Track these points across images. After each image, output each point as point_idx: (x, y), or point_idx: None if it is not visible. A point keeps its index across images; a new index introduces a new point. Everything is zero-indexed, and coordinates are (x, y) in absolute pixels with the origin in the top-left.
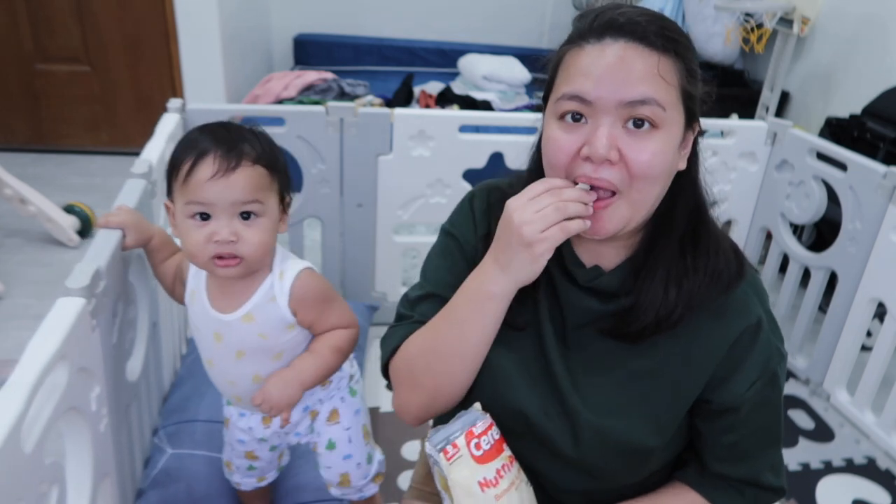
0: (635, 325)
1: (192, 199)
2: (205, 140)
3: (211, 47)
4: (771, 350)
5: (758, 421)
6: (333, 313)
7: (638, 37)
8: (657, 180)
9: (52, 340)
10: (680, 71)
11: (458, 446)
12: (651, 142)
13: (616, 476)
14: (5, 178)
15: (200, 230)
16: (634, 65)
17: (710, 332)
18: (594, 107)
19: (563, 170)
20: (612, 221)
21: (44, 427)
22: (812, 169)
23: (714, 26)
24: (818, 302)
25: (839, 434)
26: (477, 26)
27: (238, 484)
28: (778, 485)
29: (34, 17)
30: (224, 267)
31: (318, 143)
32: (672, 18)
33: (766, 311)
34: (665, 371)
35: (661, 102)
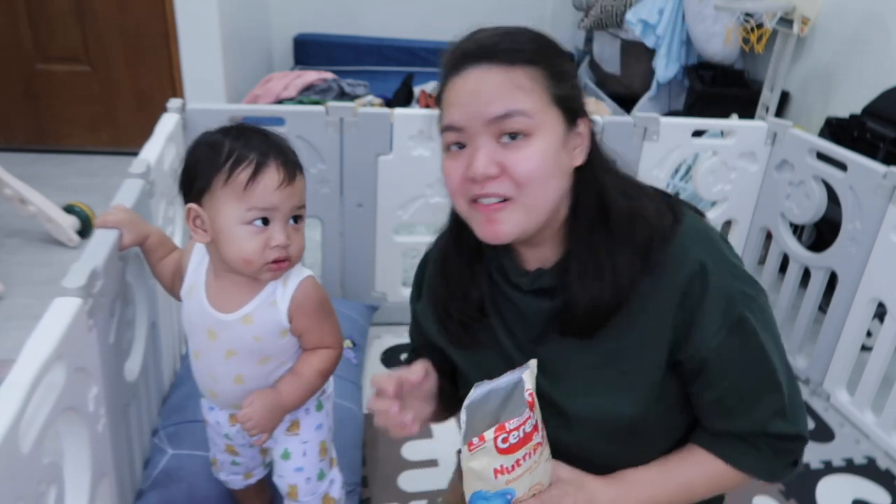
0: (575, 321)
1: (255, 205)
2: (250, 146)
3: (211, 47)
4: (729, 293)
5: (737, 369)
6: (325, 328)
7: (489, 58)
8: (545, 183)
9: (48, 340)
10: (539, 77)
11: (484, 440)
12: (527, 149)
13: (616, 459)
14: (5, 178)
15: (258, 236)
16: (490, 84)
17: (656, 292)
18: (467, 132)
19: (458, 194)
20: (507, 224)
21: (41, 427)
22: (812, 169)
23: (714, 26)
24: (818, 302)
25: (839, 434)
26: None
27: (226, 482)
28: (793, 431)
29: (34, 17)
30: (277, 270)
31: (318, 143)
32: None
33: (713, 255)
34: (628, 345)
35: (525, 111)
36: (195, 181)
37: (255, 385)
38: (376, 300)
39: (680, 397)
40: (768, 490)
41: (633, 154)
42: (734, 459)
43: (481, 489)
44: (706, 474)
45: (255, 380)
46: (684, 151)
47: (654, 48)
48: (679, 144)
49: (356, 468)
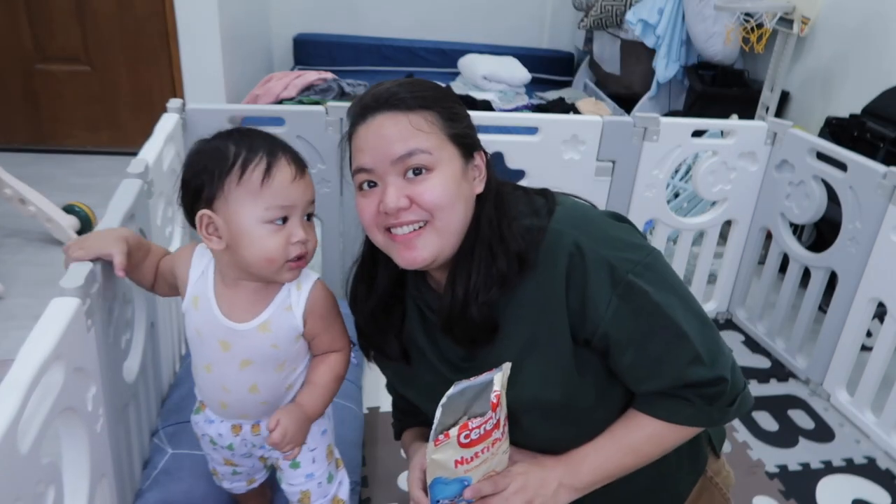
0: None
1: (274, 202)
2: (255, 145)
3: (211, 47)
4: (609, 263)
5: (641, 329)
6: (336, 330)
7: (388, 106)
8: (452, 208)
9: (46, 341)
10: (435, 119)
11: (449, 436)
12: (430, 181)
13: (566, 441)
14: (5, 178)
15: (278, 234)
16: (391, 128)
17: (543, 282)
18: (376, 172)
19: (374, 226)
20: (424, 249)
21: (40, 427)
22: (812, 169)
23: (714, 26)
24: (818, 302)
25: (839, 434)
26: (477, 26)
27: (230, 489)
28: (712, 375)
29: (34, 17)
30: (296, 268)
31: (318, 143)
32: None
33: (586, 231)
34: (535, 337)
35: (425, 149)
36: (203, 189)
37: (270, 393)
38: None
39: (605, 372)
40: (768, 490)
41: (633, 154)
42: (669, 415)
43: (441, 475)
44: (649, 435)
45: (269, 387)
46: (684, 151)
47: (654, 48)
48: (679, 144)
49: (356, 468)
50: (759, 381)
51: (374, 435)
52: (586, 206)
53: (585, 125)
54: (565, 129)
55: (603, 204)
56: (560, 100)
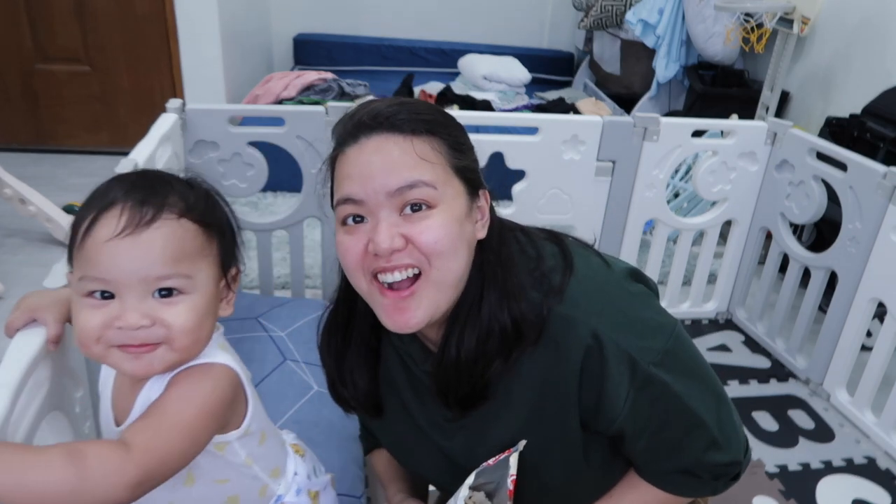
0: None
1: (86, 271)
2: (115, 189)
3: (211, 47)
4: (630, 357)
5: (659, 419)
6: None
7: (388, 127)
8: (453, 255)
9: (33, 341)
10: (441, 148)
11: None
12: (431, 220)
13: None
14: (5, 178)
15: (97, 311)
16: (391, 154)
17: (553, 366)
18: (367, 205)
19: (358, 269)
20: (420, 308)
21: (28, 427)
22: (812, 169)
23: (714, 26)
24: (818, 302)
25: (839, 434)
26: (477, 26)
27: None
28: (727, 459)
29: (34, 17)
30: (136, 355)
31: (318, 143)
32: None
33: (605, 317)
34: (537, 420)
35: (429, 182)
36: (70, 241)
37: None
38: None
39: (610, 450)
40: (768, 490)
41: (633, 154)
42: (676, 490)
43: None
44: (652, 502)
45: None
46: (684, 151)
47: (654, 48)
48: (679, 144)
49: (359, 464)
50: (759, 381)
51: None
52: (601, 271)
53: (585, 125)
54: (565, 129)
55: (603, 204)
56: (560, 100)
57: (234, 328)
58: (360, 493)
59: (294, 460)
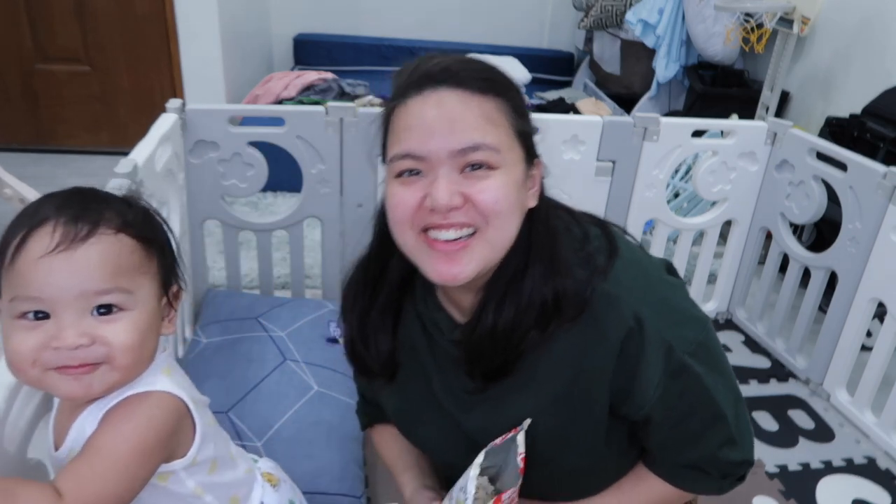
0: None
1: (18, 291)
2: (46, 207)
3: (211, 47)
4: (667, 343)
5: (683, 410)
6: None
7: (457, 83)
8: (509, 217)
9: None
10: (506, 111)
11: None
12: (491, 180)
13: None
14: (5, 178)
15: (30, 333)
16: (458, 112)
17: (592, 345)
18: (428, 161)
19: (408, 223)
20: (471, 263)
21: (26, 427)
22: (812, 169)
23: (714, 26)
24: (818, 302)
25: (839, 434)
26: (477, 26)
27: None
28: (740, 457)
29: (34, 17)
30: (76, 377)
31: (318, 143)
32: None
33: (648, 302)
34: (565, 398)
35: (493, 145)
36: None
37: None
38: None
39: (627, 438)
40: (768, 490)
41: (633, 154)
42: (685, 485)
43: None
44: (658, 496)
45: None
46: (684, 151)
47: (654, 48)
48: (679, 144)
49: (358, 463)
50: (759, 381)
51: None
52: (644, 258)
53: (585, 125)
54: (565, 129)
55: (603, 204)
56: (560, 100)
57: (234, 328)
58: (360, 493)
59: (262, 489)
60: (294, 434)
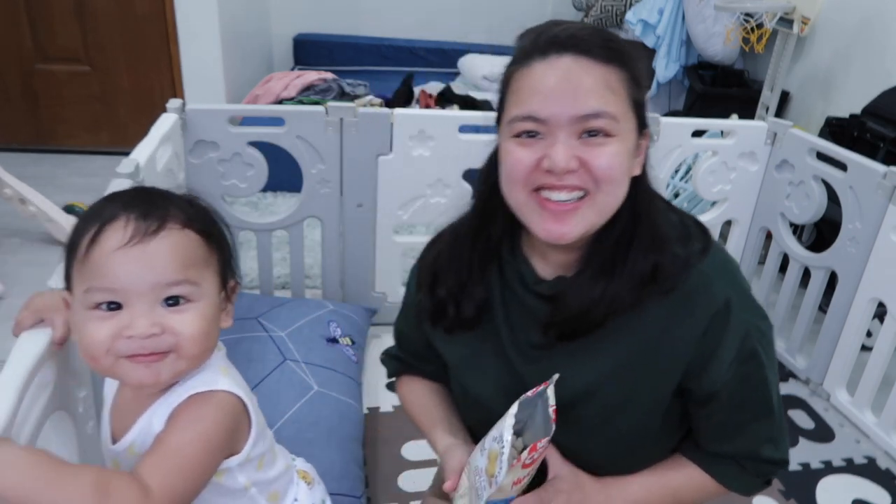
0: (559, 320)
1: (93, 282)
2: (113, 205)
3: (211, 47)
4: (746, 329)
5: (741, 396)
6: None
7: (583, 50)
8: (619, 183)
9: (37, 342)
10: (627, 81)
11: (520, 460)
12: (607, 147)
13: (609, 465)
14: (5, 178)
15: (104, 323)
16: (582, 79)
17: (678, 320)
18: (548, 124)
19: (522, 182)
20: (578, 225)
21: (33, 427)
22: (812, 169)
23: (714, 26)
24: (818, 302)
25: (839, 434)
26: (477, 26)
27: None
28: (778, 457)
29: (34, 17)
30: (146, 364)
31: (318, 143)
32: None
33: (736, 290)
34: (638, 364)
35: (613, 114)
36: (67, 260)
37: None
38: (376, 300)
39: (679, 416)
40: (768, 490)
41: None
42: (721, 476)
43: (497, 498)
44: (693, 486)
45: None
46: (684, 151)
47: (655, 48)
48: (679, 144)
49: (358, 463)
50: None
51: (374, 435)
52: (727, 252)
53: None
54: None
55: None
56: None
57: (234, 328)
58: (360, 493)
59: (297, 487)
60: (294, 434)
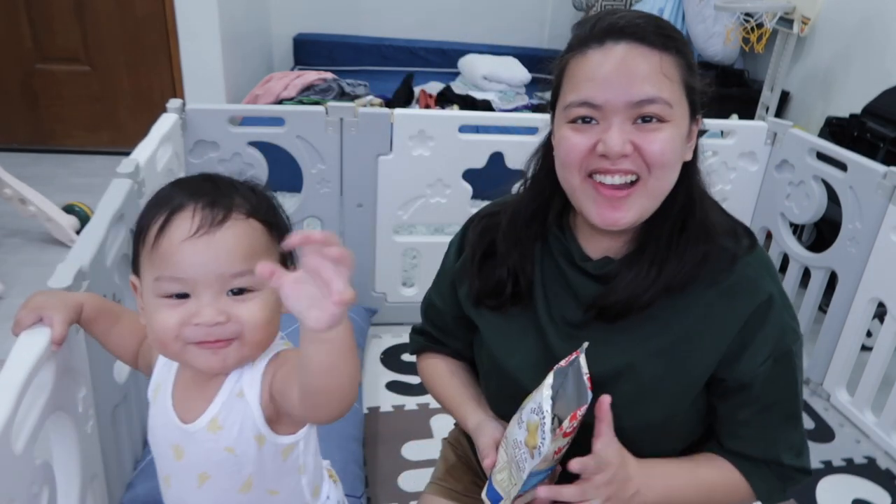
0: (607, 302)
1: (162, 272)
2: (180, 193)
3: (211, 47)
4: (784, 327)
5: (771, 396)
6: None
7: (638, 38)
8: (672, 168)
9: (37, 342)
10: (681, 67)
11: (563, 428)
12: (661, 133)
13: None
14: (5, 178)
15: (174, 310)
16: (638, 66)
17: (721, 310)
18: (603, 110)
19: (577, 166)
20: (631, 210)
21: (32, 428)
22: (812, 169)
23: (714, 26)
24: (818, 302)
25: (839, 434)
26: (477, 26)
27: None
28: (800, 465)
29: (34, 17)
30: (213, 349)
31: (318, 143)
32: (672, 18)
33: (779, 289)
34: (677, 350)
35: (667, 100)
36: (135, 245)
37: None
38: (376, 300)
39: (704, 410)
40: None
41: None
42: (750, 476)
43: (539, 468)
44: (726, 482)
45: None
46: None
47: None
48: None
49: (358, 463)
50: None
51: (374, 435)
52: None
53: None
54: None
55: None
56: None
57: None
58: (361, 493)
59: (328, 485)
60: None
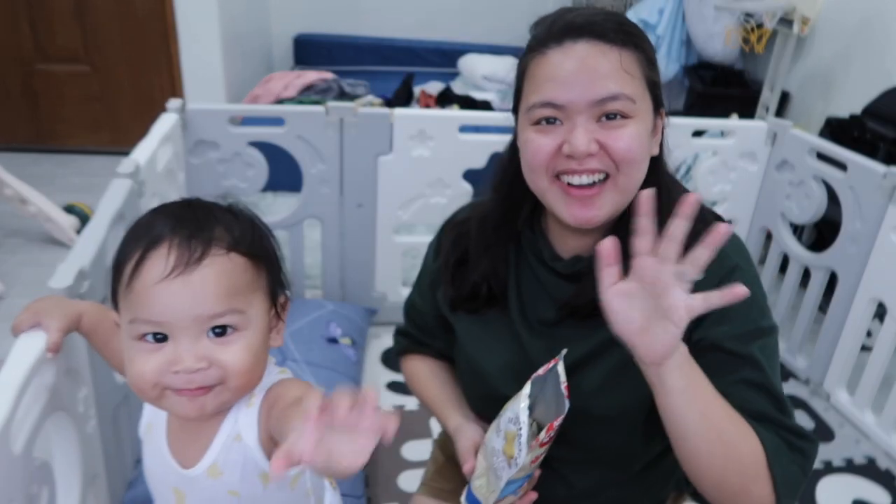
0: (578, 302)
1: (137, 314)
2: (160, 223)
3: (211, 47)
4: (751, 302)
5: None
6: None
7: (597, 35)
8: (640, 164)
9: (36, 344)
10: (641, 62)
11: (539, 439)
12: (626, 129)
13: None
14: (5, 178)
15: (152, 355)
16: (598, 63)
17: None
18: (567, 110)
19: (543, 168)
20: (604, 208)
21: (32, 428)
22: (812, 169)
23: (714, 26)
24: (818, 302)
25: (839, 434)
26: (477, 26)
27: None
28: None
29: (34, 17)
30: (190, 398)
31: (318, 143)
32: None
33: (746, 264)
34: None
35: (630, 95)
36: (113, 277)
37: None
38: (376, 300)
39: None
40: None
41: None
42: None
43: (516, 476)
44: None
45: None
46: (684, 151)
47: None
48: (679, 144)
49: None
50: None
51: None
52: None
53: None
54: None
55: None
56: None
57: None
58: (360, 494)
59: (329, 493)
60: None
